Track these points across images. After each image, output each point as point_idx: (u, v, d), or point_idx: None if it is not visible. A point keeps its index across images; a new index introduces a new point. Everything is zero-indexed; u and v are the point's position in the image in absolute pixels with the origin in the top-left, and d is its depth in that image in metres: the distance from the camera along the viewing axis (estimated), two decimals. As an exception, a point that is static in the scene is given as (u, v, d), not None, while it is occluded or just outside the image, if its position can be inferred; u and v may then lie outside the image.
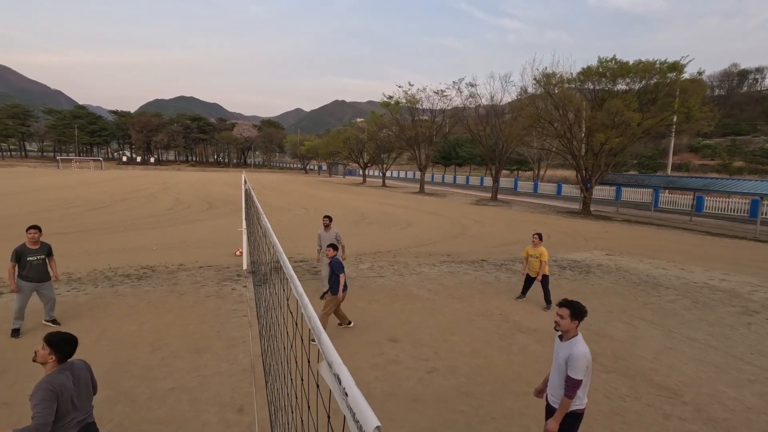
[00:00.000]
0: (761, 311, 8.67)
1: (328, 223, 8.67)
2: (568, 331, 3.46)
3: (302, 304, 1.14)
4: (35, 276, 6.32)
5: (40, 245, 6.44)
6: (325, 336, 0.89)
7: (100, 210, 20.95)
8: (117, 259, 11.06)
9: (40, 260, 6.37)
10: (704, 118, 24.18)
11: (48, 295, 6.55)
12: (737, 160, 65.97)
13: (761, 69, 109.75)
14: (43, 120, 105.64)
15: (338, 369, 0.72)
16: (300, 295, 1.21)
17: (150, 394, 4.83)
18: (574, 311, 3.43)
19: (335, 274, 6.63)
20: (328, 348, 0.82)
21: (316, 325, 0.95)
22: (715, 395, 5.26)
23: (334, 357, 0.78)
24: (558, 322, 3.49)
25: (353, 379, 0.79)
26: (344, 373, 0.72)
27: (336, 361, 0.75)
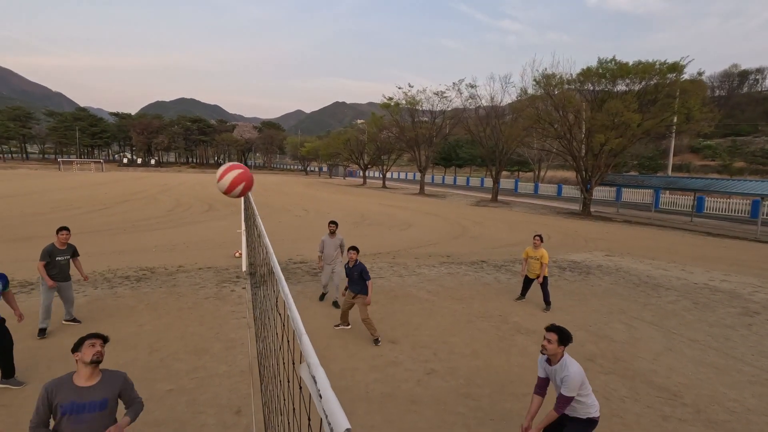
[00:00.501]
0: (762, 312, 8.64)
1: (334, 229, 8.25)
2: (555, 355, 3.53)
3: (288, 305, 1.14)
4: (60, 275, 6.50)
5: (67, 246, 6.66)
6: (305, 338, 0.88)
7: (101, 212, 20.97)
8: (116, 261, 11.06)
9: (66, 260, 6.60)
10: (704, 119, 24.17)
11: (68, 295, 6.70)
12: (738, 161, 65.90)
13: (762, 69, 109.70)
14: (45, 122, 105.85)
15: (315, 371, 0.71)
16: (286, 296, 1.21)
17: (148, 396, 4.81)
18: (562, 337, 3.50)
19: (363, 279, 6.51)
20: (308, 350, 0.81)
21: (299, 327, 0.94)
22: (715, 397, 5.24)
23: (312, 359, 0.77)
24: (545, 346, 3.54)
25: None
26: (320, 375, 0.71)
27: (314, 363, 0.75)
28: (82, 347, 2.83)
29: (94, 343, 2.85)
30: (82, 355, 2.81)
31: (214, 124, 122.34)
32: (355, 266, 6.60)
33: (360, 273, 6.54)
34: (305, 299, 8.53)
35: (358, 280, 6.57)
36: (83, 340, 2.86)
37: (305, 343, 0.85)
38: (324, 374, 0.72)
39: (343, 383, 5.30)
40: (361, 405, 4.84)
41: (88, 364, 2.80)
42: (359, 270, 6.56)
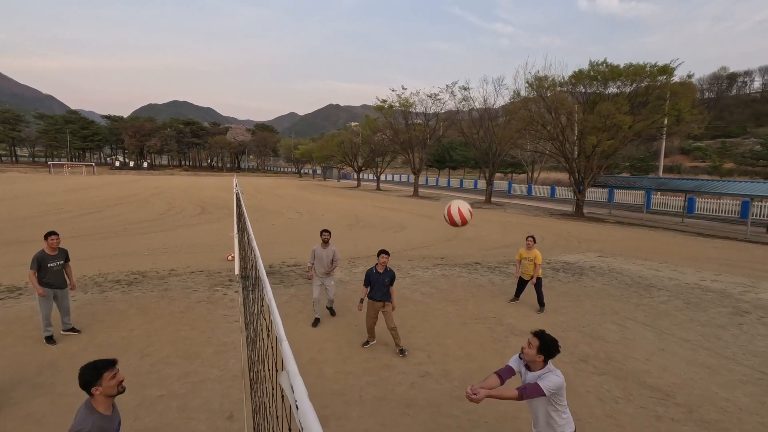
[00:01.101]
0: (752, 311, 8.73)
1: (327, 238, 7.48)
2: (534, 363, 3.21)
3: (271, 310, 1.11)
4: (55, 282, 6.30)
5: (59, 251, 6.42)
6: (286, 344, 0.86)
7: (92, 215, 20.74)
8: (107, 265, 10.93)
9: (59, 266, 6.38)
10: (694, 121, 24.43)
11: (64, 304, 6.45)
12: (727, 162, 66.72)
13: (750, 72, 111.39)
14: (35, 125, 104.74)
15: (293, 380, 0.69)
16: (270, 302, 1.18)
17: (138, 402, 4.75)
18: (543, 346, 3.15)
19: (388, 285, 6.23)
20: (287, 357, 0.79)
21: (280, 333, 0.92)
22: (707, 396, 5.27)
23: (291, 367, 0.75)
24: (524, 349, 3.24)
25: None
26: (298, 385, 0.68)
27: (292, 371, 0.72)
28: (102, 380, 2.55)
29: (115, 373, 2.60)
30: (105, 389, 2.56)
31: (207, 126, 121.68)
32: (386, 272, 6.21)
33: (391, 280, 6.21)
34: (299, 302, 8.47)
35: (386, 287, 6.19)
36: (100, 372, 2.56)
37: (285, 349, 0.82)
38: (302, 384, 0.70)
39: (336, 387, 5.26)
40: (355, 409, 4.81)
41: (113, 396, 2.61)
42: (391, 277, 6.21)
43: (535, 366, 3.23)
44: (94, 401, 2.56)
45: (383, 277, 6.20)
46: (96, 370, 2.57)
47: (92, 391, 2.54)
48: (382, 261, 6.26)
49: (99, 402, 2.57)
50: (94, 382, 2.54)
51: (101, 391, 2.55)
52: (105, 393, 2.57)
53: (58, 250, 6.42)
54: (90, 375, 2.55)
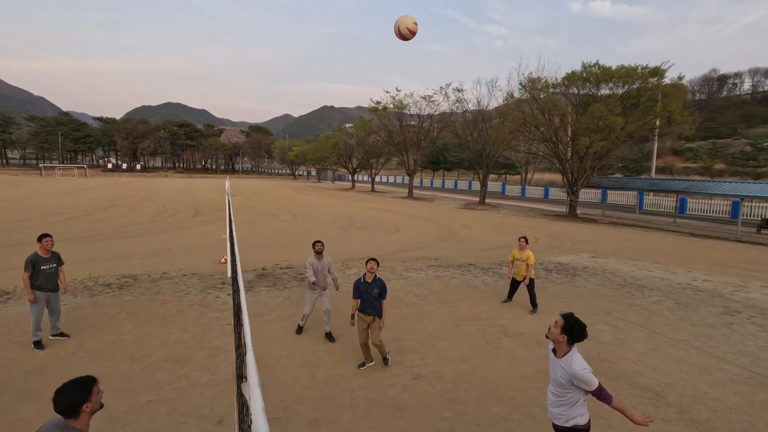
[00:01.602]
0: (742, 311, 8.80)
1: (321, 249, 6.88)
2: (558, 344, 3.28)
3: (242, 317, 1.09)
4: (48, 285, 6.22)
5: (51, 254, 6.35)
6: (250, 354, 0.84)
7: (83, 218, 20.55)
8: (98, 268, 10.82)
9: (52, 269, 6.31)
10: (685, 122, 24.67)
11: (56, 306, 6.38)
12: (718, 163, 67.46)
13: (740, 74, 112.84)
14: (26, 127, 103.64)
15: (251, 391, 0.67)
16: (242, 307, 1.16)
17: (127, 407, 4.70)
18: (567, 326, 3.21)
19: (381, 297, 5.76)
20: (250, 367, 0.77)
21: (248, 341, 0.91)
22: (697, 396, 5.30)
23: (251, 378, 0.73)
24: (550, 327, 3.34)
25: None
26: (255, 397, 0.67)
27: (252, 382, 0.71)
28: (92, 395, 2.44)
29: (100, 389, 2.53)
30: (93, 405, 2.45)
31: (201, 128, 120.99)
32: (375, 282, 5.74)
33: (381, 291, 5.72)
34: (291, 305, 8.43)
35: (376, 300, 5.70)
36: (90, 387, 2.45)
37: (249, 359, 0.80)
38: (259, 396, 0.68)
39: (328, 390, 5.24)
40: (347, 412, 4.79)
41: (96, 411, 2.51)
42: (380, 287, 5.72)
43: (560, 348, 3.29)
44: (77, 421, 2.40)
45: (371, 287, 5.70)
46: (86, 386, 2.44)
47: (81, 409, 2.39)
48: (370, 268, 5.79)
49: (83, 420, 2.42)
50: (85, 400, 2.40)
51: (90, 407, 2.42)
52: (92, 409, 2.44)
53: (51, 252, 6.35)
54: (81, 393, 2.40)
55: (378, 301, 5.74)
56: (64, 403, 2.36)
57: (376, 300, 5.72)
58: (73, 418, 2.38)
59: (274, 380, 5.38)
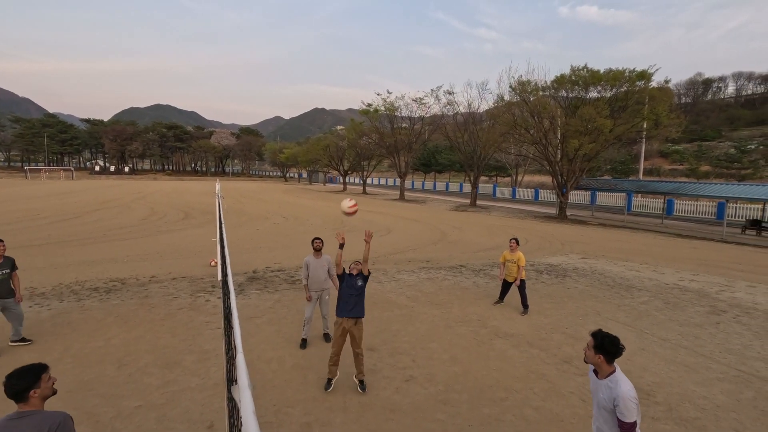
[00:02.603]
0: (728, 310, 8.95)
1: (320, 246, 6.71)
2: (598, 365, 3.06)
3: (233, 319, 1.08)
4: (1, 291, 6.00)
5: (4, 259, 6.10)
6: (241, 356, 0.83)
7: (70, 221, 20.21)
8: (85, 272, 10.65)
9: (5, 275, 6.03)
10: (672, 125, 25.10)
11: (15, 312, 6.10)
12: (704, 165, 68.67)
13: (724, 78, 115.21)
14: (10, 129, 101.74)
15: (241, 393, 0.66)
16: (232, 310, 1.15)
17: (115, 414, 4.62)
18: (597, 343, 3.02)
19: (363, 286, 5.37)
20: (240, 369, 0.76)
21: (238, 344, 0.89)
22: (685, 394, 5.37)
23: (242, 380, 0.72)
24: (584, 352, 3.15)
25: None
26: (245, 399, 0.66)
27: (242, 384, 0.70)
28: (40, 382, 2.50)
29: (51, 376, 2.58)
30: (43, 390, 2.50)
31: (191, 130, 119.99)
32: (359, 273, 5.37)
33: (364, 279, 5.37)
34: (283, 308, 8.37)
35: (359, 293, 5.30)
36: (39, 374, 2.51)
37: (239, 361, 0.79)
38: (250, 399, 0.67)
39: (320, 393, 5.20)
40: (338, 415, 4.76)
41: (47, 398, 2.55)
42: (363, 278, 5.35)
43: (601, 370, 3.08)
44: (27, 405, 2.47)
45: (354, 281, 5.29)
46: (35, 372, 2.52)
47: (30, 394, 2.46)
48: (353, 271, 5.43)
49: (34, 405, 2.48)
50: (32, 385, 2.47)
51: (39, 393, 2.49)
52: (42, 395, 2.51)
53: (3, 258, 6.09)
54: (28, 379, 2.47)
55: (360, 296, 5.29)
56: (11, 388, 2.44)
57: (359, 293, 5.27)
58: (23, 403, 2.45)
59: (265, 384, 5.33)
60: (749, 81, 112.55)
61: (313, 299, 6.66)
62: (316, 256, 6.71)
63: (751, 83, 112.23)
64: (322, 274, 6.67)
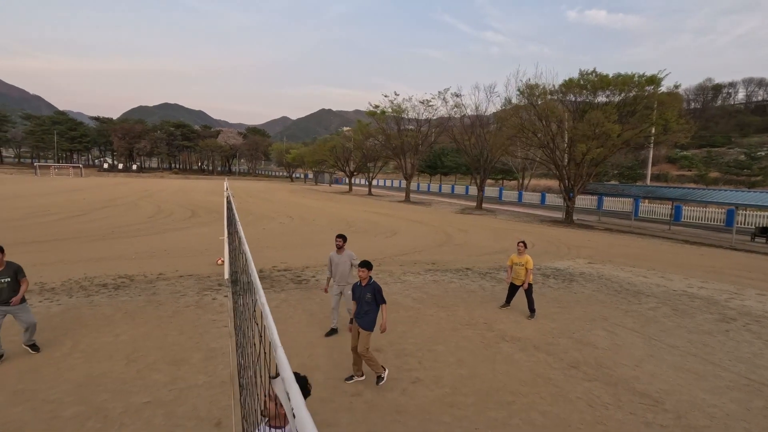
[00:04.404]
0: (738, 318, 8.85)
1: (341, 244, 7.10)
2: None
3: (264, 315, 1.09)
4: (0, 300, 5.74)
5: (5, 266, 5.84)
6: (281, 350, 0.84)
7: (78, 218, 20.40)
8: (94, 269, 10.74)
9: (5, 283, 5.77)
10: (681, 130, 24.89)
11: (24, 319, 5.88)
12: (713, 171, 68.00)
13: (734, 84, 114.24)
14: (21, 125, 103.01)
15: (289, 387, 0.67)
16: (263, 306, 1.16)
17: (123, 409, 4.65)
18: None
19: (376, 303, 5.46)
20: (283, 364, 0.77)
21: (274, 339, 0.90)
22: (695, 402, 5.32)
23: (287, 374, 0.73)
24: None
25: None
26: (294, 392, 0.66)
27: (288, 378, 0.71)
28: None
29: None
30: None
31: (198, 129, 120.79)
32: (368, 285, 5.50)
33: (373, 295, 5.45)
34: (289, 308, 8.40)
35: (370, 306, 5.44)
36: None
37: (280, 356, 0.80)
38: (298, 391, 0.68)
39: (326, 393, 5.21)
40: (345, 415, 4.76)
41: None
42: (371, 291, 5.45)
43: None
44: None
45: (364, 292, 5.47)
46: None
47: None
48: (360, 275, 5.55)
49: None
50: None
51: None
52: None
53: (4, 265, 5.82)
54: None
55: (372, 308, 5.44)
56: None
57: (369, 306, 5.42)
58: None
59: (272, 383, 5.34)
60: (760, 87, 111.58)
61: (336, 291, 7.17)
62: (338, 252, 7.15)
63: (762, 89, 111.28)
64: (345, 269, 7.11)
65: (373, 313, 5.48)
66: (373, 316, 5.47)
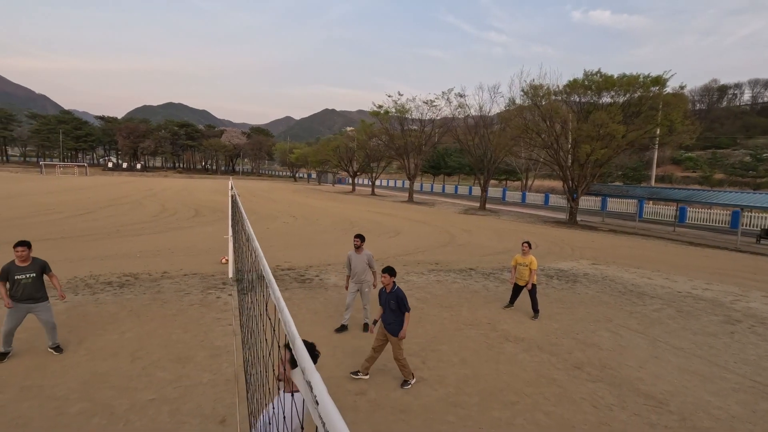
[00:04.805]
0: (743, 320, 8.81)
1: (359, 244, 7.27)
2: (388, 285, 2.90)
3: (279, 309, 1.10)
4: (23, 296, 5.66)
5: (31, 262, 5.76)
6: (299, 342, 0.85)
7: (83, 216, 20.52)
8: (99, 267, 10.81)
9: (30, 279, 5.68)
10: (686, 131, 24.78)
11: (44, 319, 5.80)
12: (718, 173, 67.65)
13: (740, 85, 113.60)
14: (27, 124, 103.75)
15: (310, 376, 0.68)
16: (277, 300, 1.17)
17: (129, 406, 4.68)
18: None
19: (400, 310, 5.48)
20: (302, 355, 0.78)
21: (291, 331, 0.91)
22: (699, 404, 5.29)
23: (308, 364, 0.74)
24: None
25: (329, 389, 0.74)
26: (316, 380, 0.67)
27: (309, 368, 0.71)
28: None
29: None
30: None
31: (202, 129, 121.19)
32: (392, 293, 5.53)
33: (397, 303, 5.47)
34: (293, 307, 8.41)
35: (395, 314, 5.49)
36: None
37: (299, 347, 0.81)
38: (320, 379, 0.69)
39: (329, 392, 5.21)
40: (348, 415, 4.77)
41: None
42: (395, 298, 5.47)
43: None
44: None
45: (389, 299, 5.53)
46: None
47: None
48: (384, 282, 5.60)
49: None
50: None
51: None
52: None
53: (30, 260, 5.74)
54: None
55: (398, 316, 5.47)
56: None
57: (395, 314, 5.47)
58: None
59: (276, 381, 5.36)
60: (766, 88, 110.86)
61: (353, 289, 7.33)
62: (357, 252, 7.32)
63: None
64: (362, 268, 7.28)
65: (398, 321, 5.50)
66: (397, 324, 5.50)
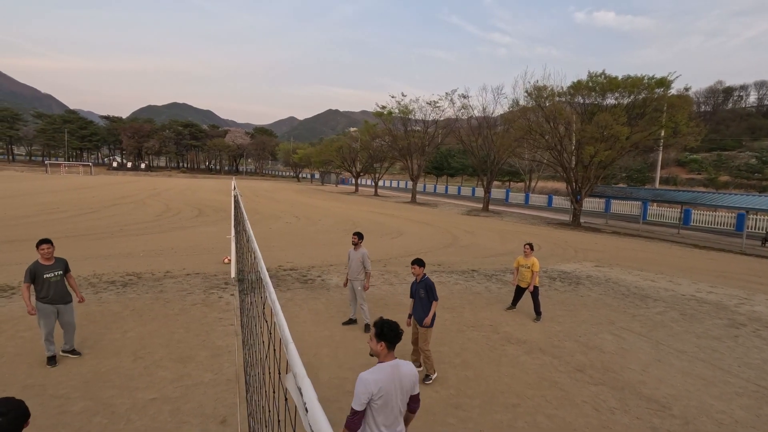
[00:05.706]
0: (748, 324, 8.74)
1: (357, 241, 7.56)
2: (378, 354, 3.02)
3: (275, 312, 1.09)
4: (55, 296, 5.54)
5: (55, 260, 5.67)
6: (292, 346, 0.84)
7: (88, 215, 20.63)
8: (102, 266, 10.85)
9: (58, 276, 5.59)
10: (691, 133, 24.63)
11: (68, 321, 5.70)
12: (723, 175, 67.25)
13: (746, 86, 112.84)
14: (33, 124, 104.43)
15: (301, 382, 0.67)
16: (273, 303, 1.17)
17: (130, 405, 4.69)
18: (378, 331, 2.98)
19: (428, 299, 5.62)
20: (294, 359, 0.77)
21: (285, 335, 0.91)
22: (703, 408, 5.25)
23: (299, 369, 0.73)
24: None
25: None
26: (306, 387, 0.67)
27: (300, 374, 0.71)
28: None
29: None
30: None
31: (206, 129, 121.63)
32: (422, 282, 5.67)
33: (426, 291, 5.61)
34: (295, 307, 8.42)
35: (424, 301, 5.62)
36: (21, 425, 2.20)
37: (291, 352, 0.81)
38: (311, 386, 0.68)
39: (330, 393, 5.21)
40: (350, 415, 4.76)
41: None
42: (424, 287, 5.62)
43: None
44: None
45: (418, 288, 5.68)
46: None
47: None
48: (414, 272, 5.78)
49: None
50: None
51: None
52: None
53: (54, 259, 5.66)
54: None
55: (427, 305, 5.60)
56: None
57: (423, 302, 5.62)
58: None
59: (277, 381, 5.36)
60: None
61: (350, 286, 7.59)
62: (355, 249, 7.57)
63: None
64: (357, 265, 7.46)
65: (425, 309, 5.66)
66: (423, 313, 5.66)
